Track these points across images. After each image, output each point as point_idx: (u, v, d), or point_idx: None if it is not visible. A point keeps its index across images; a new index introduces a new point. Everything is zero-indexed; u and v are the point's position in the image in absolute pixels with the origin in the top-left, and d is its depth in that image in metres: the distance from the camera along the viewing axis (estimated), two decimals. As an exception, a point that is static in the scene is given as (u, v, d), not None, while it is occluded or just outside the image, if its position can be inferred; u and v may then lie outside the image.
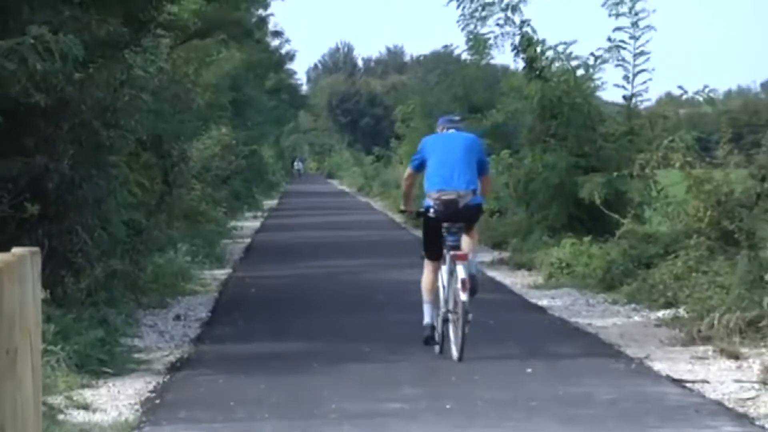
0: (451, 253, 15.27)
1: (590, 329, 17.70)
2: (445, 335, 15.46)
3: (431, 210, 15.63)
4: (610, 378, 13.78)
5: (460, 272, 14.88)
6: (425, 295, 15.84)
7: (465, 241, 15.54)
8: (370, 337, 16.94)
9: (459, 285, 14.90)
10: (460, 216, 15.55)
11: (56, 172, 16.56)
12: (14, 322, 7.90)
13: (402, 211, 18.71)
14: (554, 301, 21.04)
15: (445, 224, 15.53)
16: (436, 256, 15.75)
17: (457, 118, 18.12)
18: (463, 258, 15.09)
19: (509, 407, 12.11)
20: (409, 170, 16.80)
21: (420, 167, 16.16)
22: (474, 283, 15.36)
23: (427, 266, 15.93)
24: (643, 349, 15.68)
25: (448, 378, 13.79)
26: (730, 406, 12.19)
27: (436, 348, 15.51)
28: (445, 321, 15.46)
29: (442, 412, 11.92)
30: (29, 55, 14.46)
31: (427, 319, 15.63)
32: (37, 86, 14.86)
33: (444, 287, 15.55)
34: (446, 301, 15.47)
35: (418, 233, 21.43)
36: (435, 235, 15.73)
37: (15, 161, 16.00)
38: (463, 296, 14.82)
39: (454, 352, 15.07)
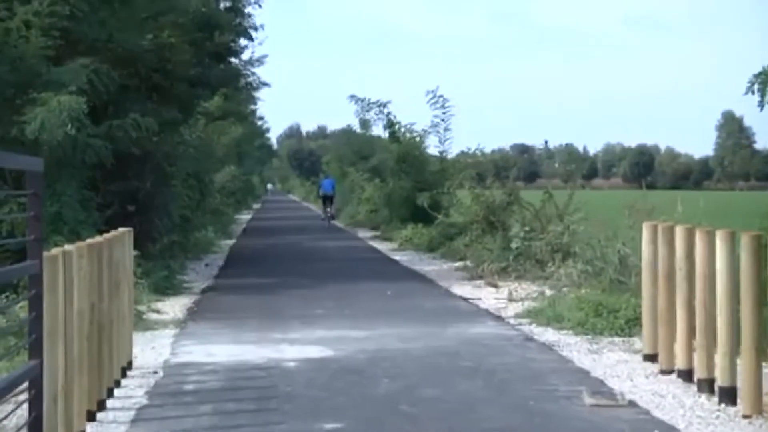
0: (326, 207, 31.41)
1: (421, 272, 17.72)
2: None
3: (321, 196, 31.70)
4: (431, 297, 13.83)
5: (329, 210, 31.45)
6: (321, 213, 32.36)
7: (332, 206, 31.74)
8: (308, 275, 16.84)
9: (328, 212, 31.00)
10: (329, 198, 31.96)
11: (143, 189, 16.36)
12: (119, 266, 7.81)
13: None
14: (403, 258, 21.02)
15: (326, 200, 31.69)
16: (324, 205, 30.93)
17: (330, 174, 35.29)
18: (330, 209, 31.42)
19: (379, 312, 12.12)
20: (318, 189, 33.49)
21: (320, 188, 32.25)
22: (333, 214, 31.87)
23: (322, 209, 30.93)
24: (448, 282, 15.74)
25: (347, 296, 13.76)
26: (492, 311, 12.28)
27: (325, 223, 31.46)
28: (324, 219, 30.80)
29: (344, 315, 11.91)
30: (129, 128, 14.29)
31: (322, 215, 32.39)
32: (133, 144, 14.69)
33: (325, 213, 30.98)
34: (325, 215, 31.50)
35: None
36: (323, 203, 31.85)
37: (121, 183, 15.79)
38: (329, 215, 31.84)
39: (328, 224, 30.73)
